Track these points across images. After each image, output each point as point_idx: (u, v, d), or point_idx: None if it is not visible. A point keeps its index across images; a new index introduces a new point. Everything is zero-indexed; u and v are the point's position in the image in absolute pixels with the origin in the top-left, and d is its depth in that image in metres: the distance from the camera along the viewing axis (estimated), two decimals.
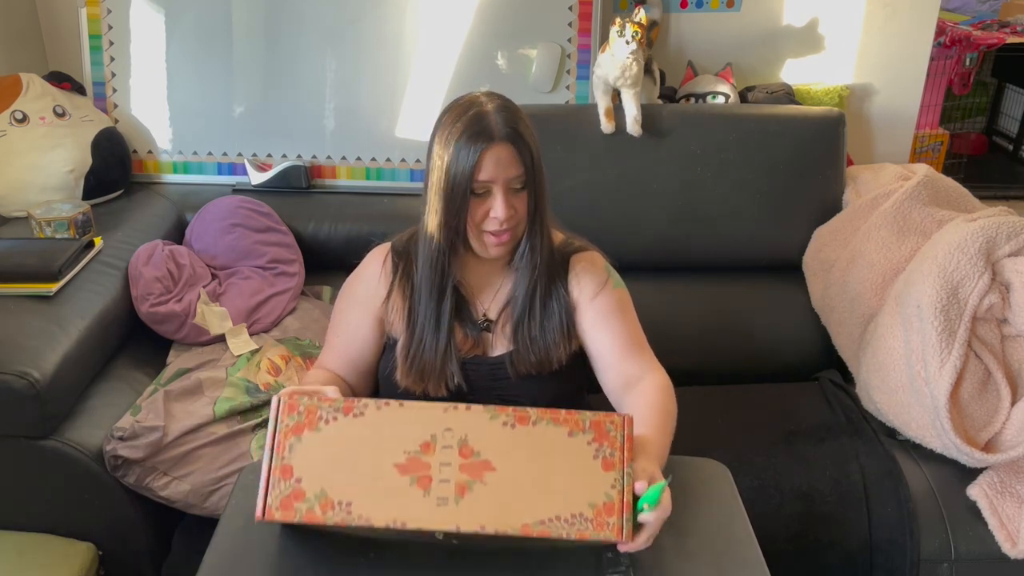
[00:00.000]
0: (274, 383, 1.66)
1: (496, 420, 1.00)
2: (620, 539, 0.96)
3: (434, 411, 1.01)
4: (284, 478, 0.98)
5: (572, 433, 1.00)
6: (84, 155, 2.02)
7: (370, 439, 1.00)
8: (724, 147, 1.98)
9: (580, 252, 1.34)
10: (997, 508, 1.50)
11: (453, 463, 0.98)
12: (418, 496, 0.97)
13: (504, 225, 1.19)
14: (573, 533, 0.96)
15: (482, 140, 1.15)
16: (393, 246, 1.34)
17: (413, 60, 2.17)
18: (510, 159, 1.16)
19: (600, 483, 0.98)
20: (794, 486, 1.58)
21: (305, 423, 1.01)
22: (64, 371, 1.50)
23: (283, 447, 1.00)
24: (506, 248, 1.24)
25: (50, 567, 1.44)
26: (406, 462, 0.98)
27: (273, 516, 0.97)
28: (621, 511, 0.97)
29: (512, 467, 0.98)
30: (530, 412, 1.01)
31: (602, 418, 1.01)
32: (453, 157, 1.16)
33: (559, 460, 0.99)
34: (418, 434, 0.99)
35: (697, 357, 1.94)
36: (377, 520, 0.96)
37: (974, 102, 3.31)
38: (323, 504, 0.97)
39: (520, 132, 1.17)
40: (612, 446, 1.00)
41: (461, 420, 1.00)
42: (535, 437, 1.00)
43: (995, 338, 1.62)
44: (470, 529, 0.95)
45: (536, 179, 1.20)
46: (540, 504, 0.97)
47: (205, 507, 1.52)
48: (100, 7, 2.16)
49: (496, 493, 0.97)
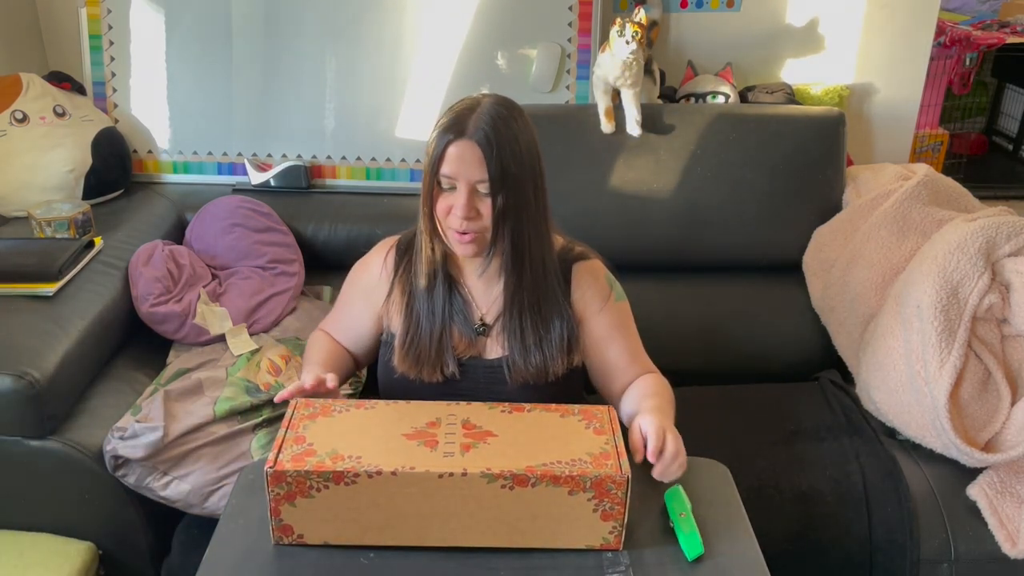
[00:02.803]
0: (274, 383, 1.66)
1: (494, 409, 1.14)
2: (620, 473, 1.02)
3: (438, 406, 1.14)
4: (296, 444, 1.04)
5: (564, 416, 1.13)
6: (84, 155, 2.02)
7: (380, 420, 1.10)
8: (724, 147, 1.98)
9: (581, 261, 1.32)
10: (997, 508, 1.50)
11: (457, 433, 1.08)
12: (425, 452, 1.04)
13: (463, 225, 1.18)
14: (575, 470, 1.02)
15: (451, 132, 1.15)
16: (399, 242, 1.35)
17: (413, 60, 2.17)
18: (475, 160, 1.14)
19: (594, 442, 1.08)
20: (794, 486, 1.58)
21: (319, 413, 1.11)
22: (64, 371, 1.50)
23: (297, 427, 1.07)
24: (472, 249, 1.21)
25: (50, 567, 1.44)
26: (413, 432, 1.07)
27: (284, 466, 1.00)
28: (617, 456, 1.05)
29: (512, 434, 1.09)
30: (524, 405, 1.15)
31: (589, 408, 1.15)
32: (429, 144, 1.18)
33: (555, 432, 1.10)
34: (424, 418, 1.11)
35: (697, 357, 1.94)
36: (387, 466, 1.00)
37: (974, 102, 3.31)
38: (334, 458, 1.02)
39: (494, 139, 1.14)
40: (600, 423, 1.12)
41: (463, 409, 1.13)
42: (530, 419, 1.12)
43: (995, 338, 1.62)
44: (477, 470, 1.00)
45: (507, 188, 1.16)
46: (541, 453, 1.05)
47: (205, 507, 1.52)
48: (100, 7, 2.16)
49: (500, 448, 1.06)
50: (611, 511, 1.03)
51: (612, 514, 1.04)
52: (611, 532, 1.05)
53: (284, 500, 1.02)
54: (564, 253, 1.32)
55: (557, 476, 1.00)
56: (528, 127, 1.20)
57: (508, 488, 1.01)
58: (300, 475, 0.99)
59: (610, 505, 1.03)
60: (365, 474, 0.99)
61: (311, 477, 0.99)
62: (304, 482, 1.00)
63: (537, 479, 1.00)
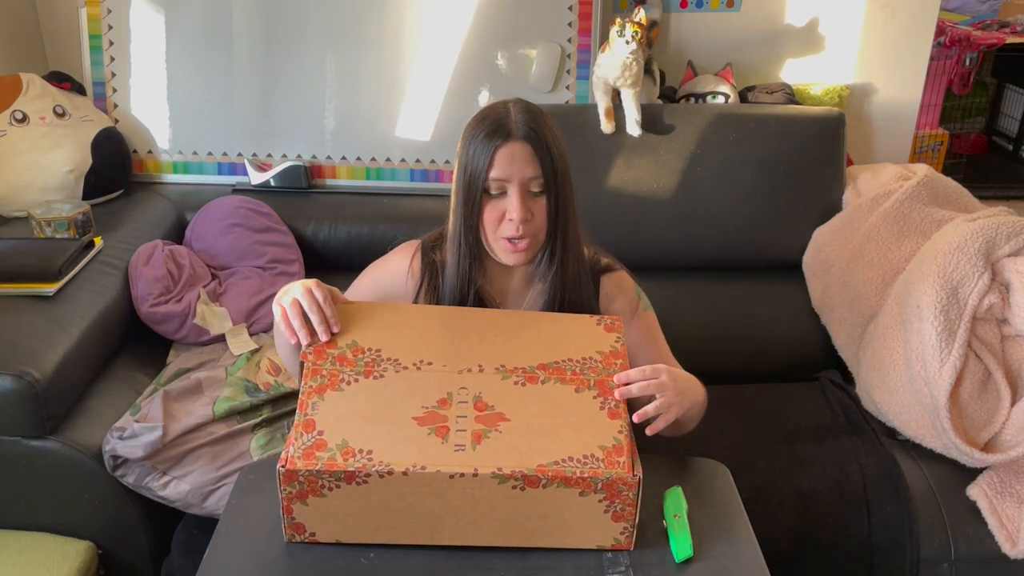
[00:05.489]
0: (274, 383, 1.66)
1: (508, 380, 1.09)
2: (631, 475, 1.00)
3: (449, 374, 1.09)
4: (307, 431, 1.02)
5: (579, 390, 1.09)
6: (84, 155, 2.02)
7: (390, 397, 1.06)
8: (724, 147, 1.98)
9: (608, 272, 1.31)
10: (997, 508, 1.50)
11: (469, 415, 1.05)
12: (436, 444, 1.02)
13: (520, 229, 1.15)
14: (586, 472, 1.00)
15: (498, 137, 1.14)
16: (423, 246, 1.30)
17: (413, 60, 2.17)
18: (526, 158, 1.14)
19: (608, 429, 1.05)
20: (794, 486, 1.58)
21: (328, 384, 1.07)
22: (64, 371, 1.50)
23: (306, 405, 1.05)
24: (524, 256, 1.19)
25: (50, 566, 1.44)
26: (424, 415, 1.04)
27: (295, 465, 0.99)
28: (630, 452, 1.03)
29: (524, 417, 1.05)
30: (538, 372, 1.10)
31: (605, 377, 1.10)
32: (470, 156, 1.15)
33: (568, 412, 1.06)
34: (435, 392, 1.07)
35: (697, 357, 1.92)
36: (398, 465, 0.99)
37: (974, 102, 3.30)
38: (344, 453, 1.01)
39: (540, 134, 1.14)
40: (616, 400, 1.07)
41: (475, 380, 1.09)
42: (544, 393, 1.08)
43: (995, 338, 1.62)
44: (487, 471, 0.99)
45: (558, 185, 1.16)
46: (553, 447, 1.02)
47: (204, 507, 1.52)
48: (100, 7, 2.16)
49: (510, 439, 1.03)
50: (622, 512, 1.03)
51: (623, 515, 1.03)
52: (622, 533, 1.05)
53: (296, 499, 1.02)
54: (592, 264, 1.30)
55: (568, 477, 1.00)
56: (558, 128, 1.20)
57: (519, 489, 1.00)
58: (312, 474, 0.99)
59: (621, 506, 1.03)
60: (376, 474, 0.99)
61: (323, 476, 0.99)
62: (316, 481, 1.00)
63: (548, 480, 1.00)
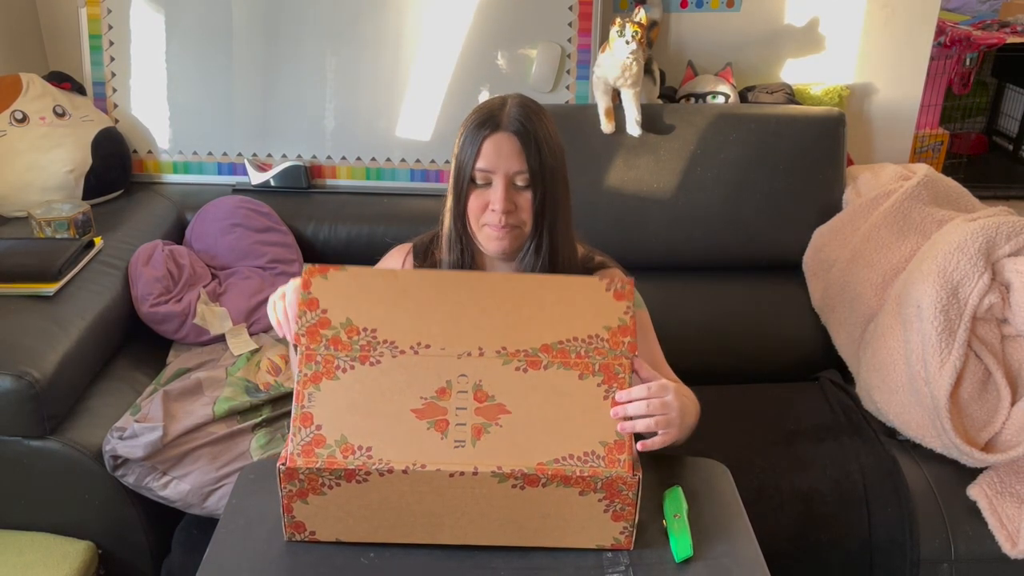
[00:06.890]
0: (274, 383, 1.66)
1: (509, 365, 1.05)
2: (631, 474, 0.99)
3: (448, 359, 1.05)
4: (304, 426, 1.01)
5: (582, 376, 1.05)
6: (84, 155, 2.02)
7: (387, 386, 1.04)
8: (724, 147, 1.98)
9: (601, 269, 1.32)
10: (997, 508, 1.50)
11: (469, 407, 1.03)
12: (436, 439, 1.00)
13: (502, 220, 1.16)
14: (587, 471, 1.00)
15: (487, 127, 1.15)
16: (415, 248, 1.32)
17: (413, 60, 2.17)
18: (513, 151, 1.15)
19: (611, 423, 1.03)
20: (794, 486, 1.58)
21: (323, 372, 1.04)
22: (64, 371, 1.50)
23: (302, 396, 1.03)
24: (507, 244, 1.20)
25: (50, 566, 1.44)
26: (423, 407, 1.02)
27: (295, 463, 0.99)
28: (632, 450, 1.01)
29: (526, 409, 1.03)
30: (541, 356, 1.05)
31: (610, 360, 1.06)
32: (461, 146, 1.17)
33: (570, 402, 1.03)
34: (433, 381, 1.04)
35: (697, 357, 1.92)
36: (397, 463, 0.99)
37: (974, 102, 3.30)
38: (344, 449, 1.00)
39: (530, 129, 1.15)
40: (621, 387, 1.05)
41: (475, 366, 1.05)
42: (547, 380, 1.05)
43: (995, 338, 1.62)
44: (487, 469, 0.98)
45: (545, 181, 1.17)
46: (553, 444, 1.01)
47: (204, 507, 1.52)
48: (100, 7, 2.16)
49: (511, 434, 1.01)
50: (622, 511, 1.03)
51: (623, 515, 1.03)
52: (622, 532, 1.05)
53: (296, 497, 1.02)
54: (585, 262, 1.31)
55: (568, 476, 1.00)
56: (555, 126, 1.20)
57: (519, 488, 1.00)
58: (312, 472, 0.99)
59: (621, 506, 1.02)
60: (376, 472, 0.99)
61: (323, 474, 0.99)
62: (316, 479, 1.00)
63: (548, 479, 1.00)
